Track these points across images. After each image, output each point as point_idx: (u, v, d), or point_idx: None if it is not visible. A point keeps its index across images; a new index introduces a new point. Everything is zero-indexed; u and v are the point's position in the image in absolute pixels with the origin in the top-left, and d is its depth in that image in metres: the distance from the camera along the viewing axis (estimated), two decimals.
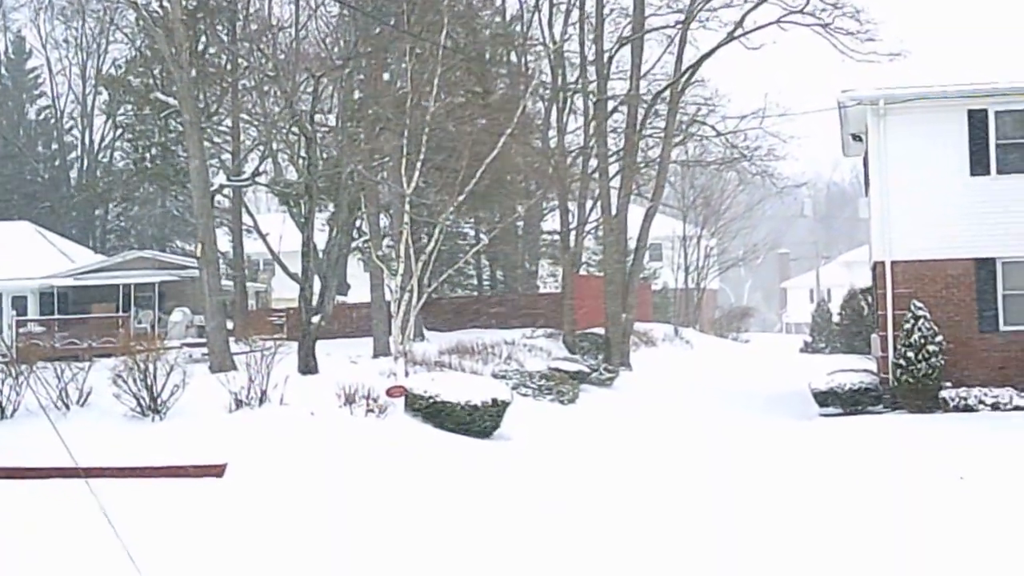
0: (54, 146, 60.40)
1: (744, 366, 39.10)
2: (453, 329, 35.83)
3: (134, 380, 17.97)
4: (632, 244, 35.90)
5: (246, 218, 34.83)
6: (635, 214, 36.98)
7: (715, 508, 13.37)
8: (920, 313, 22.59)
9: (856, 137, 26.58)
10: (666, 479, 16.06)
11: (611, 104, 35.40)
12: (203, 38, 29.83)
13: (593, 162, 35.51)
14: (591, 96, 34.80)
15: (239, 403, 18.10)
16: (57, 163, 59.82)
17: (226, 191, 32.84)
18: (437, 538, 11.91)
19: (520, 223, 40.34)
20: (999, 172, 23.29)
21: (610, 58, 34.54)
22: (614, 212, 33.82)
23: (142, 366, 17.99)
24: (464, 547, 11.44)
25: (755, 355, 45.44)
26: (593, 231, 42.35)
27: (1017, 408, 21.29)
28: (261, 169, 29.12)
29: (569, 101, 38.26)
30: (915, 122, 23.75)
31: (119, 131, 47.07)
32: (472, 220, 39.15)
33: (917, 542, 11.02)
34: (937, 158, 23.56)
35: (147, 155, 35.95)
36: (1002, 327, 23.17)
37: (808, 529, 11.98)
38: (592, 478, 16.06)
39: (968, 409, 21.48)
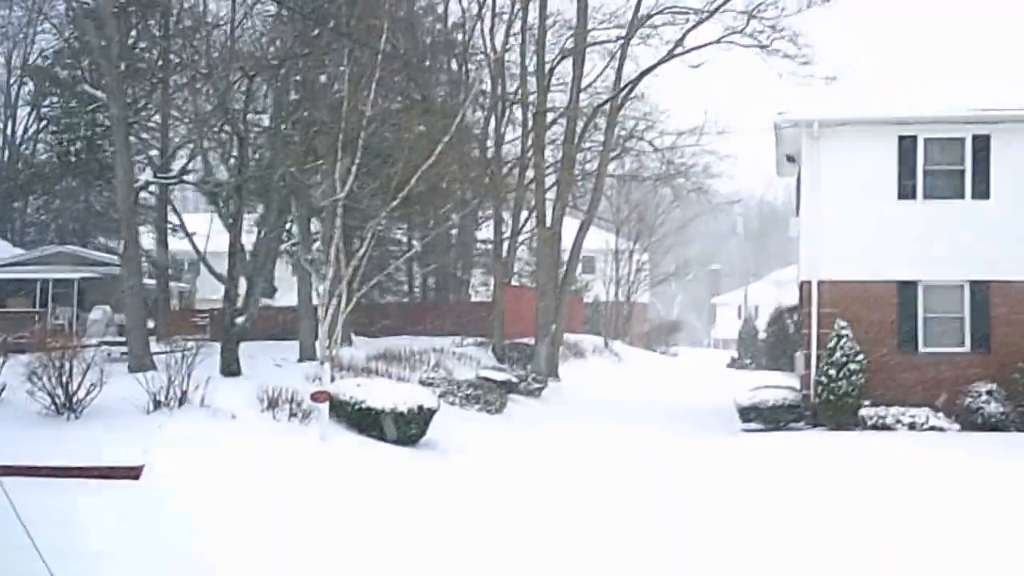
0: None
1: (671, 380, 39.39)
2: (382, 335, 35.58)
3: (49, 378, 17.49)
4: (565, 256, 35.99)
5: (172, 217, 34.27)
6: (569, 226, 37.07)
7: (628, 518, 13.39)
8: (843, 332, 22.90)
9: (790, 158, 26.92)
10: (587, 488, 16.11)
11: (550, 116, 35.49)
12: (134, 32, 29.29)
13: (530, 173, 35.55)
14: (530, 107, 34.85)
15: (158, 404, 17.76)
16: None
17: (152, 188, 32.26)
18: (355, 543, 11.77)
19: (454, 231, 40.24)
20: (926, 197, 23.73)
21: (551, 70, 34.63)
22: (549, 224, 33.88)
23: (58, 363, 17.52)
24: (383, 553, 11.28)
25: (683, 369, 45.81)
26: (527, 242, 42.40)
27: (933, 428, 21.68)
28: (189, 167, 28.64)
29: (508, 111, 38.29)
30: (847, 146, 24.14)
31: (44, 123, 46.00)
32: (405, 226, 38.93)
33: (828, 557, 11.07)
34: (867, 181, 23.96)
35: (72, 148, 35.17)
36: (921, 348, 23.60)
37: (720, 540, 12.04)
38: (515, 486, 16.06)
39: (886, 428, 21.81)
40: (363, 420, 18.96)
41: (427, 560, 11.10)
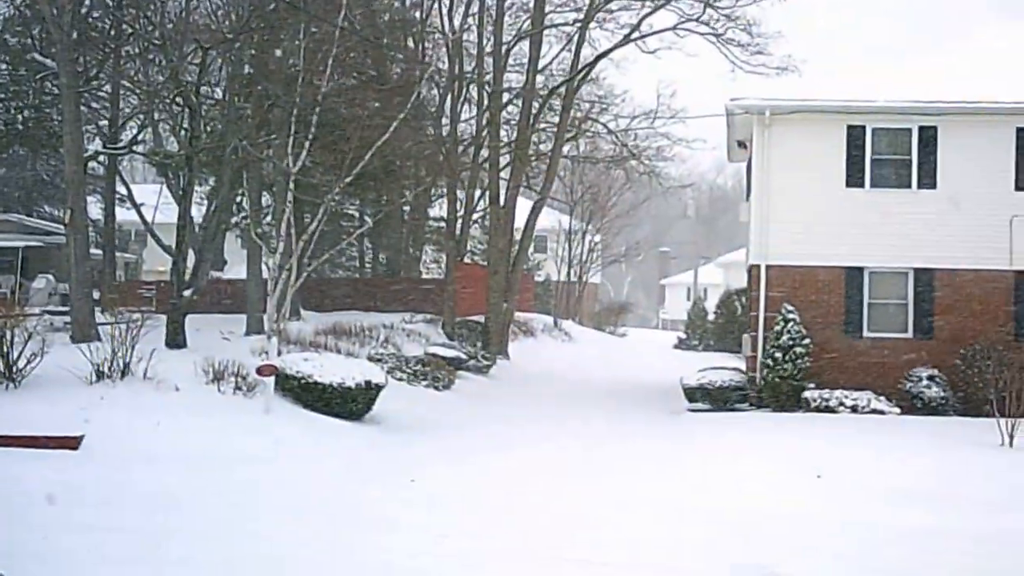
0: None
1: (620, 359, 39.65)
2: (332, 310, 35.48)
3: None
4: (518, 235, 36.07)
5: (120, 187, 33.91)
6: (523, 206, 37.13)
7: (577, 495, 13.49)
8: (790, 316, 23.21)
9: (741, 144, 27.18)
10: (527, 462, 16.29)
11: (506, 96, 35.51)
12: (87, 1, 28.89)
13: (484, 152, 35.55)
14: (487, 87, 34.82)
15: (100, 375, 17.61)
16: None
17: (101, 158, 31.90)
18: (294, 515, 11.77)
19: (406, 208, 40.15)
20: (873, 186, 24.05)
21: (508, 51, 34.61)
22: (502, 203, 33.93)
23: None
24: (332, 527, 11.32)
25: (631, 349, 46.09)
26: (480, 220, 42.39)
27: (875, 411, 22.02)
28: (140, 138, 28.34)
29: (465, 90, 38.19)
30: (798, 133, 24.40)
31: None
32: (358, 202, 38.79)
33: (771, 534, 11.25)
34: (816, 169, 24.25)
35: (20, 116, 34.69)
36: (866, 333, 23.98)
37: (661, 516, 12.20)
38: (456, 460, 16.10)
39: (829, 410, 22.13)
40: (309, 394, 18.94)
41: (363, 532, 11.12)
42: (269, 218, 30.42)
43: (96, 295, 25.03)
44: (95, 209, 35.21)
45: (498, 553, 10.19)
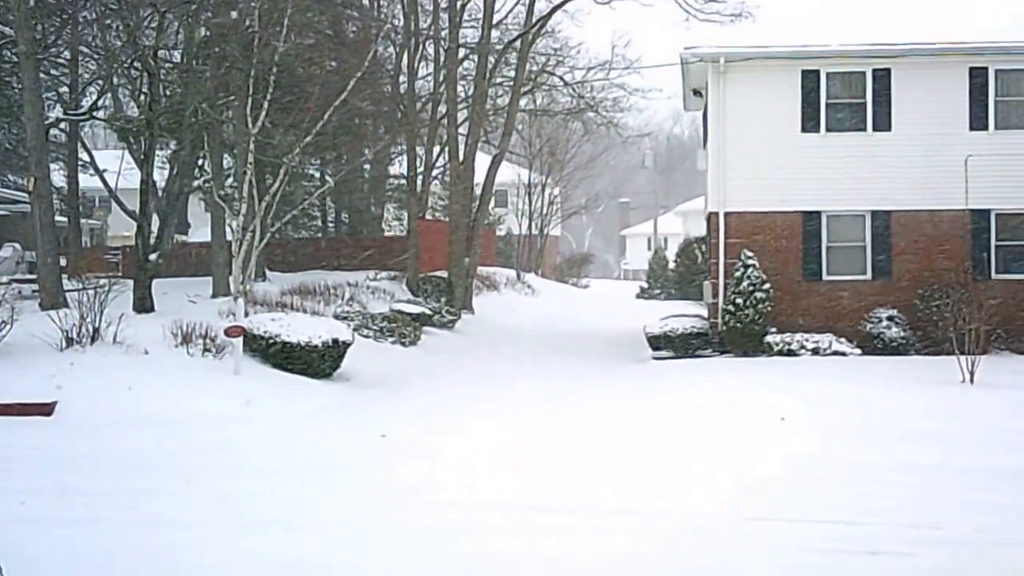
0: None
1: (583, 310, 40.03)
2: (296, 271, 35.57)
3: None
4: (478, 190, 36.21)
5: (83, 154, 33.72)
6: (482, 161, 37.22)
7: (542, 444, 13.78)
8: (750, 262, 23.56)
9: (697, 92, 27.38)
10: (496, 410, 16.63)
11: (462, 52, 35.46)
12: None
13: (442, 108, 35.57)
14: (443, 43, 34.77)
15: (70, 341, 17.70)
16: None
17: (62, 125, 31.67)
18: (275, 476, 11.98)
19: (367, 167, 40.14)
20: (828, 130, 24.40)
21: (463, 6, 34.52)
22: (461, 158, 34.01)
23: None
24: (303, 483, 11.55)
25: (594, 300, 46.43)
26: (440, 176, 42.45)
27: (836, 353, 22.48)
28: (100, 104, 28.15)
29: (421, 47, 38.11)
30: (753, 80, 24.67)
31: None
32: (319, 162, 38.74)
33: (733, 478, 11.60)
34: (772, 115, 24.56)
35: None
36: (825, 277, 24.43)
37: (629, 460, 12.51)
38: (425, 414, 16.33)
39: (791, 353, 22.57)
40: (277, 354, 19.13)
41: (334, 489, 11.36)
42: (231, 180, 30.39)
43: (63, 262, 25.00)
44: (58, 176, 34.98)
45: (474, 505, 10.42)
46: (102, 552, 8.74)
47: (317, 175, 39.66)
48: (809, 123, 24.43)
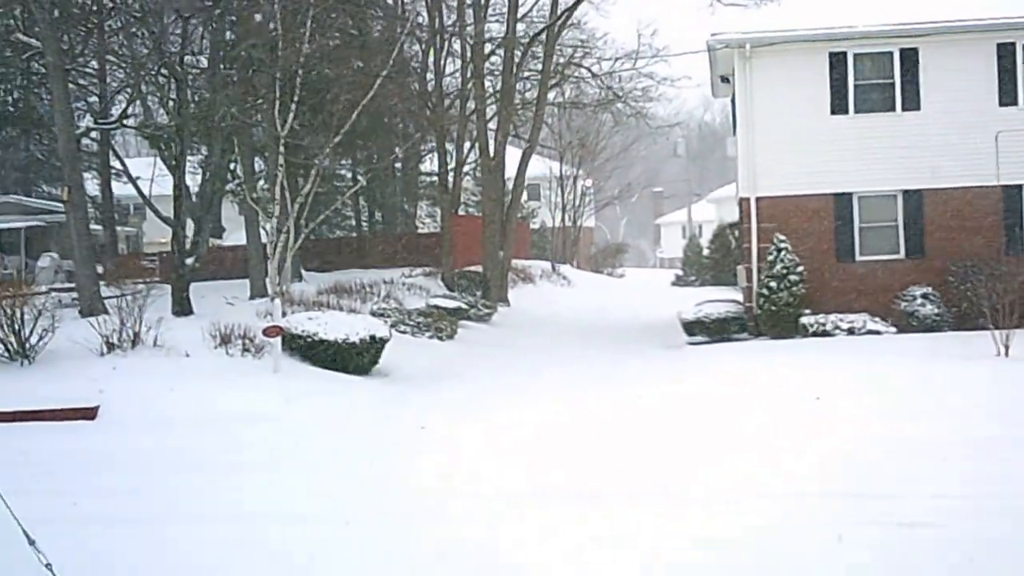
0: None
1: (619, 299, 40.00)
2: (332, 270, 35.79)
3: (1, 325, 17.66)
4: (510, 185, 36.29)
5: (115, 162, 34.11)
6: (513, 155, 37.29)
7: (584, 430, 13.86)
8: (783, 245, 23.54)
9: (724, 79, 27.32)
10: (538, 400, 16.65)
11: (488, 47, 35.53)
12: None
13: (471, 104, 35.68)
14: (468, 39, 34.86)
15: (111, 346, 17.95)
16: None
17: (93, 134, 32.08)
18: (317, 471, 12.14)
19: (398, 164, 40.32)
20: (857, 111, 24.29)
21: (487, 1, 34.60)
22: (492, 153, 34.10)
23: (8, 311, 17.67)
24: (346, 477, 11.70)
25: (630, 289, 46.41)
26: (472, 172, 42.58)
27: (871, 332, 22.44)
28: (129, 112, 28.50)
29: (447, 43, 38.22)
30: (779, 64, 24.58)
31: None
32: (349, 162, 38.98)
33: (775, 456, 11.63)
34: (800, 98, 24.48)
35: (9, 98, 34.85)
36: (858, 257, 24.37)
37: (673, 442, 12.56)
38: (466, 407, 16.44)
39: (826, 334, 22.53)
40: (316, 352, 19.31)
41: (381, 482, 11.49)
42: (263, 183, 30.66)
43: (100, 269, 25.36)
44: (92, 185, 35.42)
45: (517, 496, 10.46)
46: (148, 550, 8.92)
47: (349, 175, 39.90)
48: (838, 105, 24.34)
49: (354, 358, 19.39)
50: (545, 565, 8.07)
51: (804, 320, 22.98)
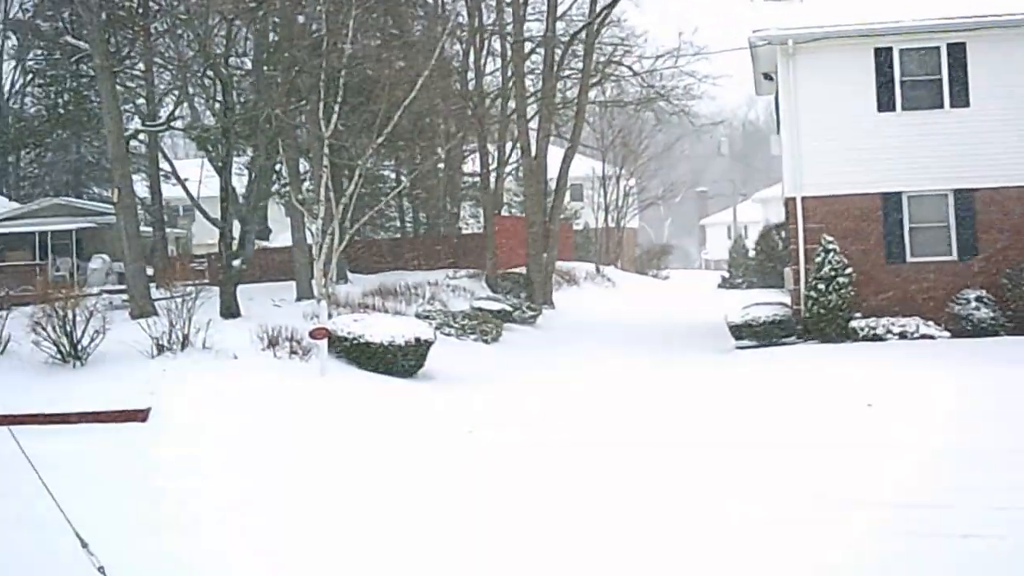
0: None
1: (664, 302, 39.80)
2: (376, 271, 35.94)
3: (53, 327, 17.86)
4: (552, 185, 36.23)
5: (163, 163, 34.42)
6: (555, 155, 37.23)
7: (634, 436, 13.78)
8: (830, 247, 23.23)
9: (767, 76, 27.06)
10: (585, 406, 16.54)
11: (528, 46, 35.50)
12: None
13: (511, 104, 35.65)
14: (508, 38, 34.85)
15: (161, 348, 18.11)
16: None
17: (142, 136, 32.37)
18: (365, 474, 12.16)
19: (441, 165, 40.40)
20: (904, 108, 23.90)
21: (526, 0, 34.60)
22: (533, 153, 34.06)
23: (61, 313, 17.88)
24: (393, 480, 11.70)
25: (675, 291, 46.22)
26: (513, 172, 42.56)
27: (924, 336, 22.08)
28: (177, 114, 28.75)
29: (487, 43, 38.23)
30: (823, 61, 24.27)
31: (29, 76, 45.98)
32: (393, 163, 39.09)
33: (825, 464, 11.50)
34: (845, 96, 24.14)
35: (59, 101, 35.28)
36: (908, 258, 23.95)
37: (721, 449, 12.47)
38: (512, 410, 16.40)
39: (877, 338, 22.22)
40: (361, 354, 19.36)
41: (428, 486, 11.49)
42: (308, 184, 30.81)
43: (150, 271, 25.60)
44: (142, 187, 35.74)
45: (565, 511, 10.43)
46: (200, 552, 8.97)
47: (392, 175, 40.01)
48: (884, 102, 23.99)
49: (400, 360, 19.42)
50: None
51: (854, 324, 22.66)
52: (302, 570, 8.46)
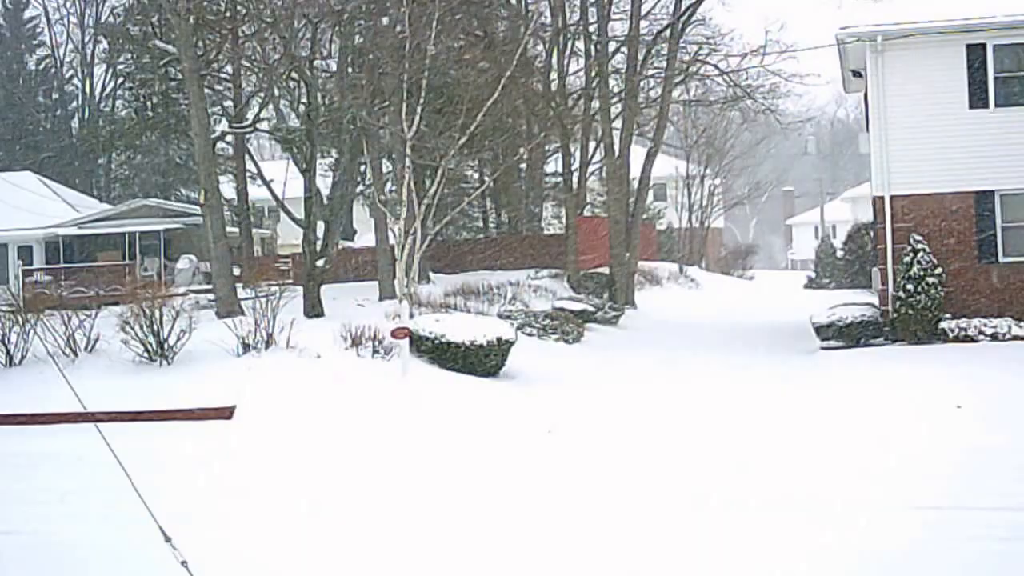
0: (55, 96, 60.32)
1: (749, 303, 39.37)
2: (458, 271, 36.07)
3: (141, 326, 18.20)
4: (635, 184, 36.02)
5: (250, 165, 34.94)
6: (638, 155, 37.02)
7: (720, 438, 13.62)
8: (919, 246, 22.73)
9: (856, 73, 26.57)
10: (667, 408, 16.37)
11: (612, 45, 35.34)
12: None
13: (595, 104, 35.53)
14: (592, 37, 34.74)
15: (246, 347, 18.35)
16: (58, 113, 59.78)
17: (228, 138, 32.91)
18: (445, 474, 12.17)
19: (523, 165, 40.40)
20: (998, 105, 23.28)
21: None
22: (616, 153, 33.90)
23: (148, 312, 18.21)
24: (473, 481, 11.70)
25: (760, 292, 45.69)
26: (596, 172, 42.41)
27: (1016, 338, 21.47)
28: (262, 116, 29.18)
29: (570, 43, 38.13)
30: (913, 57, 23.74)
31: (120, 80, 47.13)
32: (475, 163, 39.19)
33: (912, 467, 11.25)
34: (935, 92, 23.57)
35: (148, 103, 36.03)
36: (1001, 258, 23.30)
37: (809, 453, 12.28)
38: (595, 412, 16.31)
39: (968, 339, 21.68)
40: (443, 354, 19.41)
41: (515, 486, 11.46)
42: (391, 185, 31.03)
43: (236, 271, 25.99)
44: (228, 188, 36.33)
45: (643, 505, 10.37)
46: (284, 549, 9.05)
47: (475, 176, 40.12)
48: (976, 99, 23.39)
49: (481, 360, 19.42)
50: None
51: (944, 325, 22.14)
52: (385, 570, 8.47)
